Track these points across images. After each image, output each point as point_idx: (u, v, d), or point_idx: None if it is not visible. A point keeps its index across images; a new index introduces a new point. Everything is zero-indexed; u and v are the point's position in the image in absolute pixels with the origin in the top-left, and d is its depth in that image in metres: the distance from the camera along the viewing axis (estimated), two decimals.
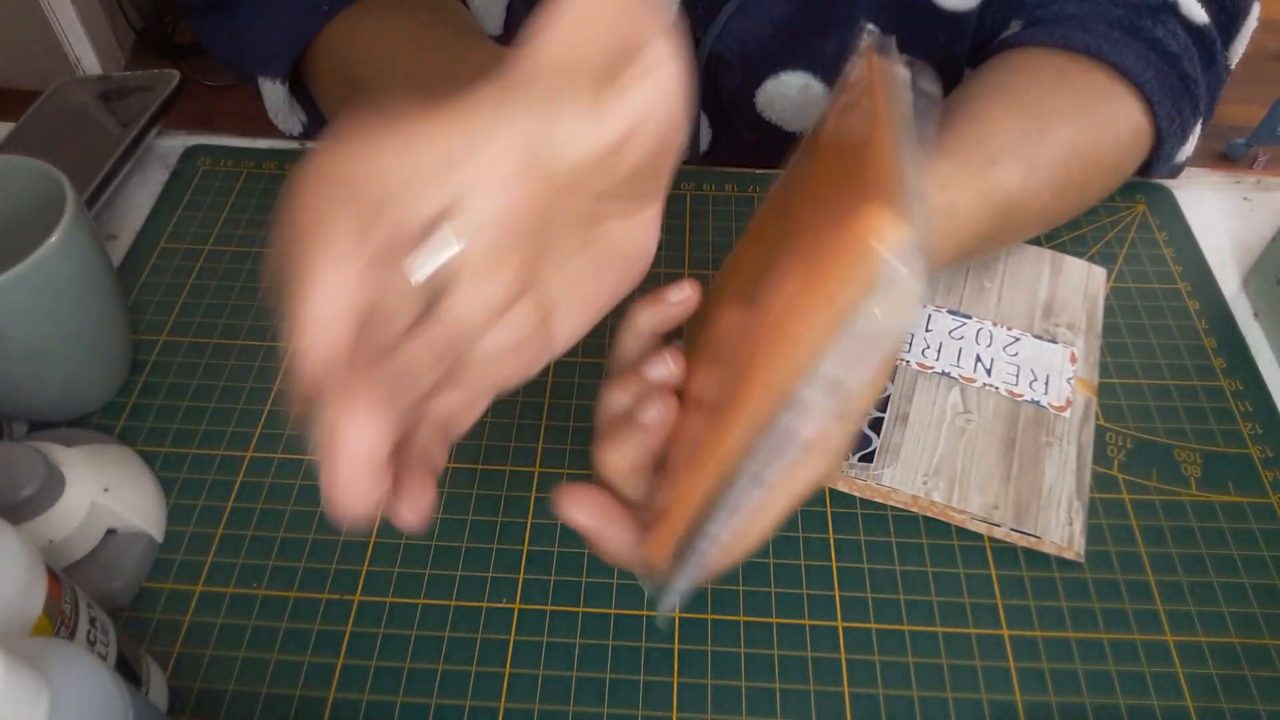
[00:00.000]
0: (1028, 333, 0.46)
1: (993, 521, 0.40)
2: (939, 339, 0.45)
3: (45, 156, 0.41)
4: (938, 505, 0.40)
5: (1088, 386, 0.44)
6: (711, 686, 0.36)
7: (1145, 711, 0.36)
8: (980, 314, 0.46)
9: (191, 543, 0.40)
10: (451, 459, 0.43)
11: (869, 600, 0.38)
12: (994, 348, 0.45)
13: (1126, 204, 0.53)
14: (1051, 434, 0.42)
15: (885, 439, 0.41)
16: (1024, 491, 0.40)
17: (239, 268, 0.50)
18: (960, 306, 0.47)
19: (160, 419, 0.44)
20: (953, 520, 0.40)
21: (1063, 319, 0.47)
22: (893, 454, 0.41)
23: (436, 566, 0.39)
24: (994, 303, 0.47)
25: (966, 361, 0.44)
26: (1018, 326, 0.46)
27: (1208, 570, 0.39)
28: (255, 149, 0.56)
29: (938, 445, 0.41)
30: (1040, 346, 0.45)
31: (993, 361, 0.45)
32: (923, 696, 0.36)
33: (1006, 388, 0.44)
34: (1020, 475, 0.41)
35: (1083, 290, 0.48)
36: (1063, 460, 0.42)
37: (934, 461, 0.41)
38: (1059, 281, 0.49)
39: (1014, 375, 0.44)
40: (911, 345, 0.45)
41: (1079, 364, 0.45)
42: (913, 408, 0.43)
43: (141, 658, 0.34)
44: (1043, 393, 0.44)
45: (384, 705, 0.36)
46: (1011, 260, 0.49)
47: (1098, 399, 0.45)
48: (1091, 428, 0.43)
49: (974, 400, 0.43)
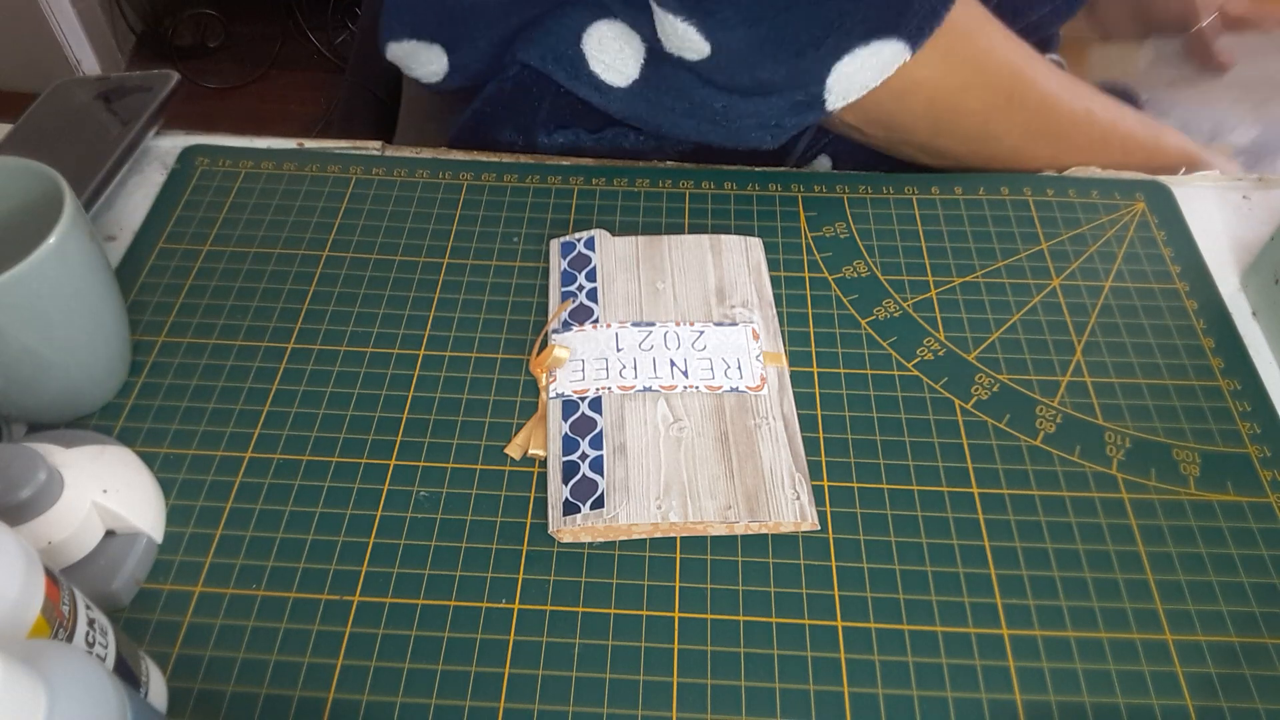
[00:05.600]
0: (709, 323, 0.46)
1: (731, 521, 0.39)
2: (631, 355, 0.45)
3: (43, 157, 0.40)
4: (677, 525, 0.40)
5: (774, 358, 0.45)
6: (711, 686, 0.36)
7: (1145, 711, 0.36)
8: (662, 318, 0.46)
9: (190, 543, 0.40)
10: (451, 459, 0.43)
11: (869, 600, 0.38)
12: (683, 348, 0.45)
13: (1125, 203, 0.53)
14: (757, 415, 0.43)
15: (610, 477, 0.41)
16: (749, 481, 0.41)
17: (238, 268, 0.50)
18: (641, 316, 0.46)
19: (159, 420, 0.44)
20: (698, 533, 0.40)
21: (735, 299, 0.47)
22: (622, 490, 0.40)
23: (436, 567, 0.39)
24: (671, 303, 0.47)
25: (663, 370, 0.44)
26: (699, 320, 0.46)
27: (1207, 570, 0.39)
28: (254, 149, 0.56)
29: (660, 464, 0.41)
30: (723, 333, 0.45)
31: (686, 362, 0.44)
32: (922, 696, 0.36)
33: (705, 384, 0.44)
34: (741, 466, 0.41)
35: (746, 265, 0.49)
36: (774, 437, 0.42)
37: (662, 482, 0.40)
38: (723, 263, 0.49)
39: (708, 369, 0.44)
40: (608, 371, 0.44)
41: (761, 339, 0.45)
42: (627, 435, 0.42)
43: (140, 659, 0.34)
44: (738, 378, 0.44)
45: (383, 705, 0.36)
46: (676, 255, 0.49)
47: (788, 366, 0.45)
48: (790, 397, 0.44)
49: (681, 406, 0.43)
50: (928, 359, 0.46)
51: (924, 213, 0.53)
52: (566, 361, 0.45)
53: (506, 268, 0.50)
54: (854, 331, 0.47)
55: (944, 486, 0.42)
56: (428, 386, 0.45)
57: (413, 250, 0.51)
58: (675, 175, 0.55)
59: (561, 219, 0.52)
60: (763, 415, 0.43)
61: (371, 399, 0.45)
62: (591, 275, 0.48)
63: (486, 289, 0.49)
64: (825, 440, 0.43)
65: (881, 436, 0.44)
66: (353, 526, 0.41)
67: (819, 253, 0.51)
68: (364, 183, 0.54)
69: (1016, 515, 0.41)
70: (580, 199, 0.53)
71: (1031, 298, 0.49)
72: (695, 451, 0.42)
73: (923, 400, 0.45)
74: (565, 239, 0.51)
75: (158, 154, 0.56)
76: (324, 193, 0.54)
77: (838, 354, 0.47)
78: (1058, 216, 0.53)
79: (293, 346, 0.47)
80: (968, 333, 0.47)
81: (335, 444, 0.43)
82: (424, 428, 0.44)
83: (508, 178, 0.55)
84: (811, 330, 0.47)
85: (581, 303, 0.47)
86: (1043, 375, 0.46)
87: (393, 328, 0.48)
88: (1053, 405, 0.45)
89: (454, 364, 0.46)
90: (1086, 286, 0.49)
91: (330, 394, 0.45)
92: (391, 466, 0.42)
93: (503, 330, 0.47)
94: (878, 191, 0.54)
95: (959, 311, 0.48)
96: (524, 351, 0.47)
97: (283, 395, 0.45)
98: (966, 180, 0.54)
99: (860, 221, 0.52)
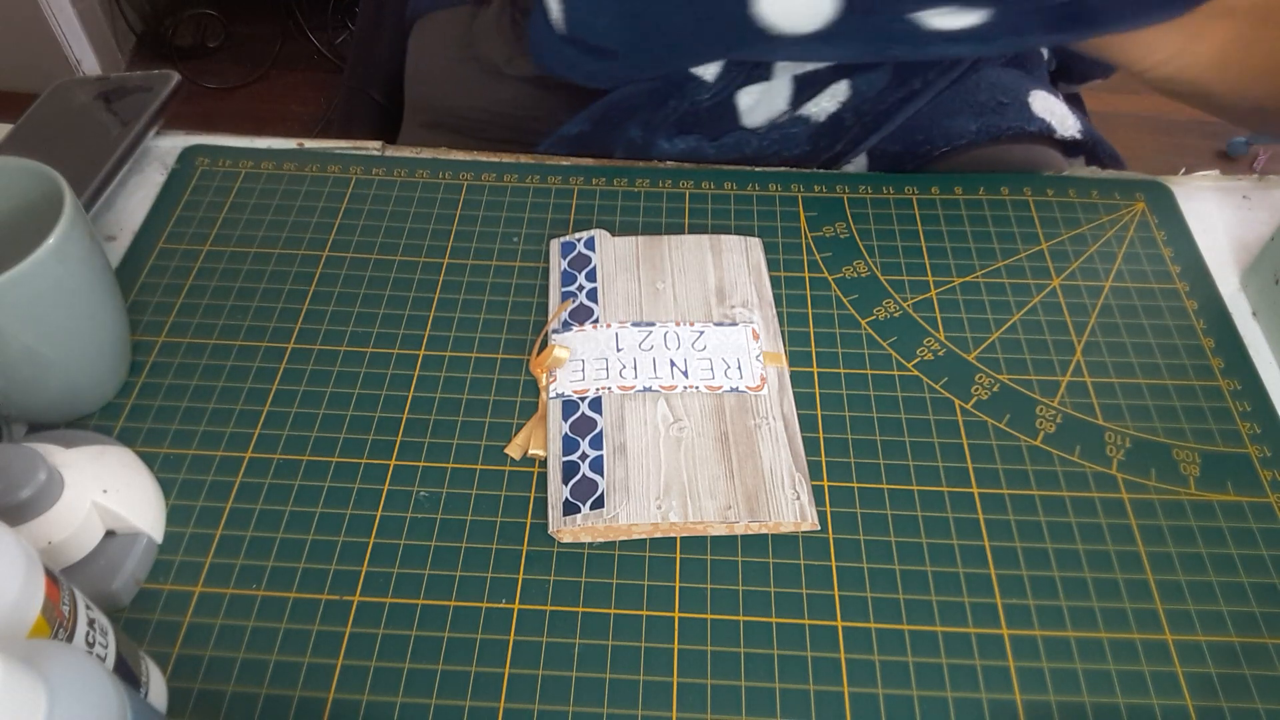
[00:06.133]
0: (709, 323, 0.46)
1: (731, 521, 0.39)
2: (631, 355, 0.45)
3: (44, 157, 0.40)
4: (677, 525, 0.40)
5: (774, 358, 0.45)
6: (711, 686, 0.36)
7: (1145, 710, 0.36)
8: (662, 318, 0.46)
9: (190, 544, 0.40)
10: (451, 459, 0.43)
11: (869, 600, 0.38)
12: (683, 348, 0.45)
13: (1126, 203, 0.53)
14: (757, 415, 0.43)
15: (610, 477, 0.41)
16: (749, 481, 0.41)
17: (238, 268, 0.50)
18: (641, 316, 0.46)
19: (159, 420, 0.44)
20: (698, 533, 0.40)
21: (736, 299, 0.47)
22: (622, 490, 0.40)
23: (436, 567, 0.39)
24: (671, 303, 0.47)
25: (663, 370, 0.44)
26: (699, 320, 0.46)
27: (1207, 569, 0.39)
28: (254, 149, 0.56)
29: (660, 464, 0.41)
30: (723, 333, 0.46)
31: (686, 362, 0.44)
32: (922, 696, 0.36)
33: (705, 384, 0.44)
34: (741, 466, 0.41)
35: (746, 265, 0.49)
36: (774, 437, 0.42)
37: (662, 482, 0.41)
38: (723, 263, 0.49)
39: (708, 369, 0.44)
40: (608, 371, 0.44)
41: (761, 339, 0.45)
42: (627, 435, 0.42)
43: (140, 659, 0.34)
44: (738, 378, 0.44)
45: (383, 706, 0.36)
46: (676, 255, 0.49)
47: (788, 366, 0.45)
48: (790, 397, 0.44)
49: (681, 406, 0.43)
50: (928, 359, 0.46)
51: (924, 213, 0.53)
52: (566, 361, 0.45)
53: (506, 268, 0.50)
54: (854, 331, 0.47)
55: (944, 486, 0.42)
56: (428, 386, 0.45)
57: (413, 250, 0.51)
58: (675, 175, 0.55)
59: (561, 219, 0.53)
60: (763, 415, 0.43)
61: (371, 399, 0.45)
62: (591, 275, 0.48)
63: (486, 289, 0.49)
64: (825, 440, 0.43)
65: (881, 436, 0.44)
66: (353, 526, 0.41)
67: (819, 253, 0.51)
68: (364, 183, 0.54)
69: (1016, 515, 0.41)
70: (580, 199, 0.53)
71: (1031, 298, 0.49)
72: (695, 451, 0.42)
73: (923, 400, 0.45)
74: (565, 239, 0.51)
75: (158, 154, 0.56)
76: (324, 193, 0.54)
77: (838, 354, 0.47)
78: (1058, 216, 0.53)
79: (293, 346, 0.47)
80: (968, 333, 0.47)
81: (335, 444, 0.43)
82: (424, 428, 0.44)
83: (508, 178, 0.55)
84: (811, 330, 0.47)
85: (581, 303, 0.47)
86: (1043, 375, 0.46)
87: (393, 328, 0.48)
88: (1053, 405, 0.45)
89: (454, 364, 0.46)
90: (1086, 286, 0.49)
91: (330, 394, 0.45)
92: (391, 466, 0.42)
93: (503, 330, 0.47)
94: (878, 191, 0.54)
95: (959, 311, 0.48)
96: (524, 351, 0.47)
97: (283, 395, 0.45)
98: (966, 180, 0.54)
99: (860, 221, 0.52)
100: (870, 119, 0.57)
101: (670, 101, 0.55)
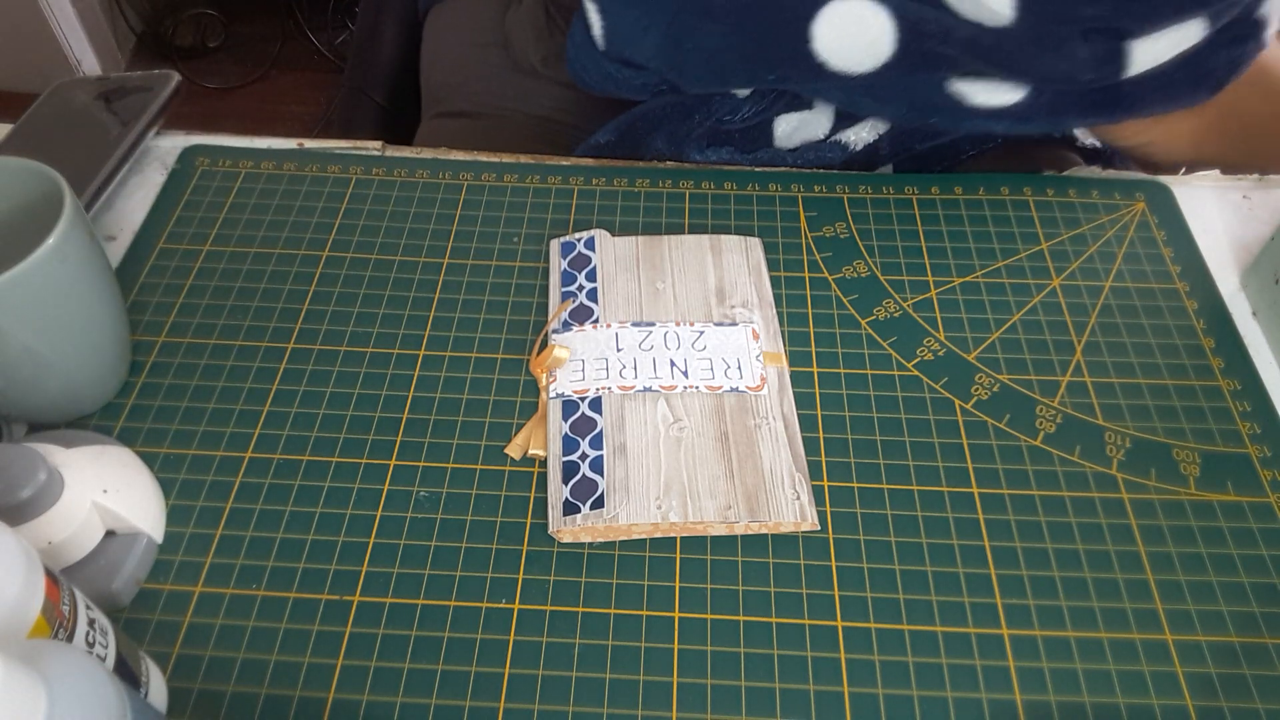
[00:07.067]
0: (709, 323, 0.46)
1: (731, 521, 0.39)
2: (631, 355, 0.45)
3: (44, 157, 0.40)
4: (677, 525, 0.40)
5: (774, 358, 0.45)
6: (711, 686, 0.36)
7: (1145, 710, 0.36)
8: (662, 318, 0.46)
9: (190, 544, 0.40)
10: (451, 459, 0.43)
11: (869, 600, 0.38)
12: (683, 348, 0.45)
13: (1126, 203, 0.53)
14: (757, 415, 0.43)
15: (610, 477, 0.41)
16: (749, 481, 0.41)
17: (237, 268, 0.50)
18: (641, 316, 0.46)
19: (159, 420, 0.44)
20: (698, 533, 0.40)
21: (735, 299, 0.47)
22: (622, 489, 0.40)
23: (436, 567, 0.39)
24: (671, 303, 0.47)
25: (663, 370, 0.44)
26: (699, 320, 0.46)
27: (1207, 570, 0.39)
28: (253, 149, 0.56)
29: (660, 464, 0.41)
30: (724, 333, 0.46)
31: (686, 362, 0.44)
32: (922, 696, 0.36)
33: (705, 384, 0.44)
34: (741, 466, 0.41)
35: (746, 265, 0.49)
36: (774, 437, 0.42)
37: (662, 481, 0.41)
38: (723, 263, 0.49)
39: (708, 369, 0.44)
40: (608, 371, 0.44)
41: (761, 339, 0.45)
42: (627, 435, 0.42)
43: (141, 659, 0.34)
44: (738, 378, 0.44)
45: (383, 706, 0.36)
46: (676, 255, 0.49)
47: (788, 366, 0.45)
48: (790, 397, 0.44)
49: (681, 406, 0.43)
50: (928, 359, 0.46)
51: (924, 213, 0.53)
52: (566, 361, 0.45)
53: (506, 268, 0.50)
54: (854, 331, 0.47)
55: (944, 486, 0.42)
56: (428, 386, 0.45)
57: (413, 250, 0.51)
58: (675, 175, 0.55)
59: (561, 219, 0.53)
60: (763, 415, 0.43)
61: (371, 399, 0.45)
62: (591, 275, 0.48)
63: (486, 289, 0.49)
64: (825, 440, 0.43)
65: (881, 436, 0.44)
66: (353, 526, 0.41)
67: (819, 253, 0.51)
68: (364, 183, 0.54)
69: (1016, 515, 0.41)
70: (580, 199, 0.53)
71: (1031, 298, 0.49)
72: (695, 451, 0.42)
73: (923, 400, 0.45)
74: (565, 239, 0.51)
75: (158, 154, 0.56)
76: (324, 193, 0.54)
77: (838, 354, 0.47)
78: (1058, 216, 0.53)
79: (293, 346, 0.47)
80: (968, 333, 0.47)
81: (335, 444, 0.43)
82: (424, 428, 0.44)
83: (508, 178, 0.55)
84: (811, 330, 0.47)
85: (581, 303, 0.47)
86: (1043, 375, 0.46)
87: (393, 328, 0.48)
88: (1053, 405, 0.45)
89: (454, 364, 0.46)
90: (1086, 286, 0.49)
91: (330, 394, 0.45)
92: (391, 466, 0.42)
93: (503, 330, 0.47)
94: (878, 191, 0.54)
95: (959, 311, 0.48)
96: (524, 351, 0.47)
97: (283, 395, 0.45)
98: (966, 180, 0.54)
99: (860, 221, 0.52)
100: (905, 147, 0.57)
101: (696, 116, 0.55)
